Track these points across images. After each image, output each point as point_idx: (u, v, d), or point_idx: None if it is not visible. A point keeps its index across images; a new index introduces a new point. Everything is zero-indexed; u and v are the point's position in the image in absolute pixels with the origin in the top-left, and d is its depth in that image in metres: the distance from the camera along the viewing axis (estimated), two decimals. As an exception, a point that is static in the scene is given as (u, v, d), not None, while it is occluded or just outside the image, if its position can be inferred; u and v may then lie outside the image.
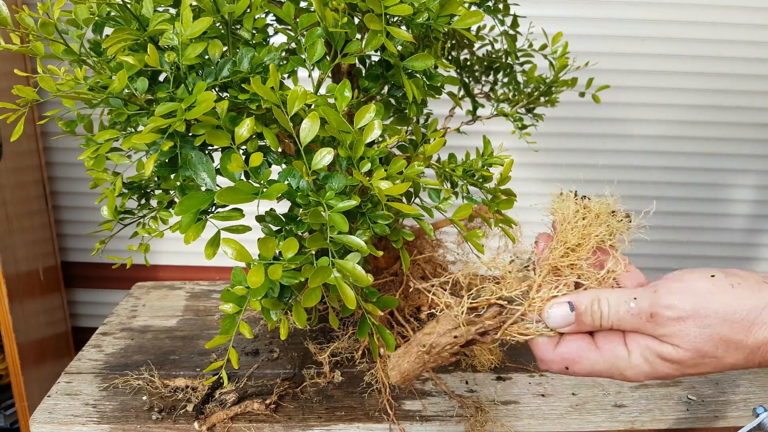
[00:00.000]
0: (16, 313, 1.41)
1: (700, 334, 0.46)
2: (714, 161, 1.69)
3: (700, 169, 1.70)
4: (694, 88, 1.63)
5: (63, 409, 0.78)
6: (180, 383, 0.82)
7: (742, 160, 1.69)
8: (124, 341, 0.96)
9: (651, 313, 0.48)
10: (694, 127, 1.67)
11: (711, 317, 0.46)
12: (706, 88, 1.63)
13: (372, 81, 0.67)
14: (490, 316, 0.52)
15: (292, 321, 0.53)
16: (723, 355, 0.46)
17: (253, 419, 0.76)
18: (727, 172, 1.70)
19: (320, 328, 0.98)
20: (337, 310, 0.58)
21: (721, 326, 0.46)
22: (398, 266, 0.94)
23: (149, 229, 0.77)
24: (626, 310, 0.49)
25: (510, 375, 0.87)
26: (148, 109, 0.55)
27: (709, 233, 1.76)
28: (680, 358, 0.47)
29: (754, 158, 1.68)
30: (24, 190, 1.50)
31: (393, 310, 0.91)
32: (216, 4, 0.57)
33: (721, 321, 0.46)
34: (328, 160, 0.50)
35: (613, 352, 0.50)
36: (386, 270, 0.93)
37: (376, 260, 0.92)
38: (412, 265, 0.93)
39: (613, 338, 0.50)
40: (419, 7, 0.57)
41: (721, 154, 1.68)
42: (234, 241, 0.49)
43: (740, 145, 1.67)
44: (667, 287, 0.48)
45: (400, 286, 0.92)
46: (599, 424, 0.78)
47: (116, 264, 0.79)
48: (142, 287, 1.16)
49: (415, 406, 0.80)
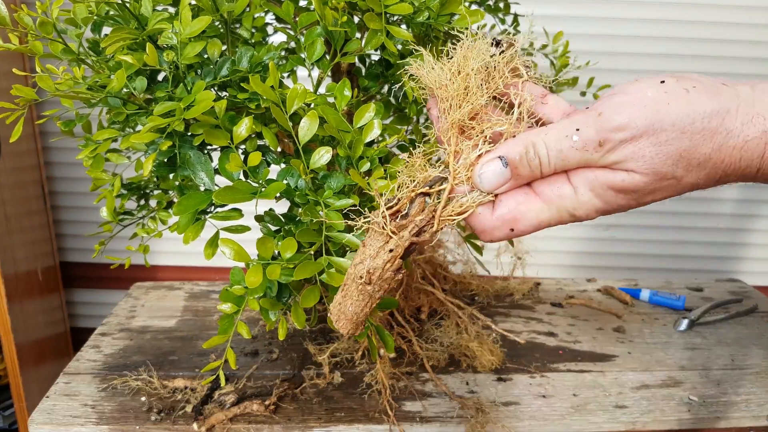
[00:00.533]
0: (14, 314, 1.41)
1: (657, 153, 0.39)
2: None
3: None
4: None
5: (62, 410, 0.78)
6: (179, 384, 0.82)
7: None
8: (122, 342, 0.95)
9: (599, 141, 0.40)
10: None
11: (668, 131, 0.39)
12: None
13: (372, 80, 0.67)
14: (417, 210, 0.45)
15: (290, 321, 0.53)
16: (683, 174, 0.40)
17: (252, 420, 0.76)
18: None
19: (320, 329, 0.97)
20: None
21: (680, 140, 0.39)
22: (398, 266, 0.93)
23: (148, 230, 0.77)
24: (569, 146, 0.41)
25: (511, 376, 0.87)
26: (147, 108, 0.55)
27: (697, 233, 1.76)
28: (636, 184, 0.40)
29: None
30: (23, 190, 1.50)
31: (393, 310, 0.91)
32: (215, 3, 0.57)
33: (679, 134, 0.39)
34: (327, 159, 0.49)
35: (557, 193, 0.43)
36: (386, 270, 0.93)
37: (376, 260, 0.91)
38: (413, 265, 0.93)
39: (555, 180, 0.43)
40: (419, 6, 0.57)
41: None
42: (232, 241, 0.48)
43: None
44: (613, 106, 0.40)
45: (399, 286, 0.92)
46: (600, 425, 0.78)
47: (115, 264, 0.79)
48: (141, 287, 1.15)
49: (415, 407, 0.80)
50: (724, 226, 1.74)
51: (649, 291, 1.12)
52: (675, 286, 1.19)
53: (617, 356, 0.93)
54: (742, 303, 1.12)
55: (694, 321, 1.03)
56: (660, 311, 1.09)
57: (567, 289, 1.17)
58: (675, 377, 0.88)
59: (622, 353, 0.94)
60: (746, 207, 1.73)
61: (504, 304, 1.11)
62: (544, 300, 1.12)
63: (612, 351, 0.95)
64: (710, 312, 1.06)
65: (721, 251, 1.77)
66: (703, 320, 1.04)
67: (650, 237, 1.75)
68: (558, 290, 1.16)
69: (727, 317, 1.06)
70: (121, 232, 0.77)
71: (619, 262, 1.77)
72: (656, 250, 1.76)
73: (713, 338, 0.99)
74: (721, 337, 1.00)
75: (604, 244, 1.76)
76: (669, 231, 1.75)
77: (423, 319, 0.95)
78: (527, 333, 1.00)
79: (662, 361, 0.92)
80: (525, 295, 1.14)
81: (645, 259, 1.77)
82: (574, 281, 1.21)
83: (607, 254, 1.77)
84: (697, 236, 1.77)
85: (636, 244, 1.76)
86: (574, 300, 1.11)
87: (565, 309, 1.09)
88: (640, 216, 1.74)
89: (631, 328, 1.02)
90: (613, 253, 1.77)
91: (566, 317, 1.06)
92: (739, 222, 1.74)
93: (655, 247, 1.76)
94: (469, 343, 0.88)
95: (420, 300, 0.95)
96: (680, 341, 0.98)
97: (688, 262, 1.78)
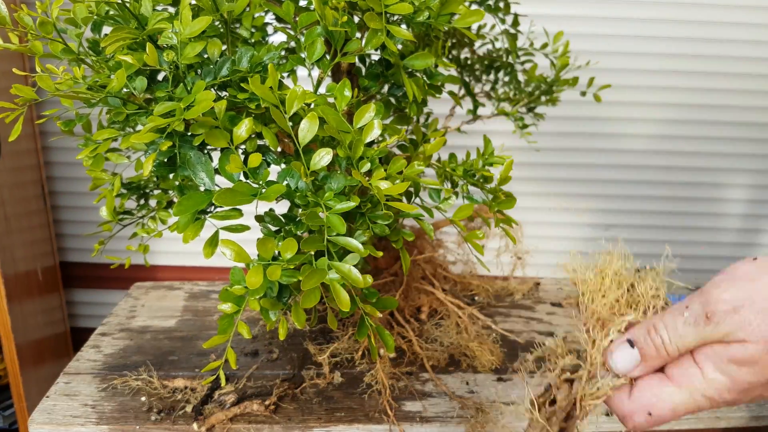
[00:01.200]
0: (14, 314, 1.41)
1: (764, 320, 0.42)
2: (713, 161, 1.69)
3: (700, 169, 1.70)
4: (695, 88, 1.63)
5: (62, 410, 0.78)
6: (179, 384, 0.82)
7: (740, 160, 1.69)
8: (122, 342, 0.95)
9: (706, 313, 0.44)
10: (694, 126, 1.67)
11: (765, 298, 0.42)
12: (708, 87, 1.63)
13: (372, 80, 0.67)
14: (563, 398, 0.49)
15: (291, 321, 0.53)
16: None
17: (252, 420, 0.76)
18: (726, 172, 1.70)
19: (320, 329, 0.97)
20: (336, 311, 0.58)
21: None
22: (398, 266, 0.94)
23: (148, 230, 0.77)
24: (682, 323, 0.45)
25: (511, 376, 0.87)
26: (147, 108, 0.55)
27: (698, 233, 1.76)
28: (752, 354, 0.42)
29: (754, 158, 1.68)
30: (22, 190, 1.49)
31: (393, 310, 0.91)
32: (215, 3, 0.56)
33: None
34: (327, 160, 0.49)
35: (686, 375, 0.45)
36: (386, 270, 0.93)
37: (376, 260, 0.92)
38: (413, 265, 0.93)
39: (682, 362, 0.46)
40: (419, 6, 0.56)
41: (722, 153, 1.68)
42: (232, 242, 0.48)
43: (739, 144, 1.67)
44: (713, 283, 0.45)
45: (400, 286, 0.92)
46: (600, 425, 0.78)
47: (115, 264, 0.79)
48: (141, 288, 1.15)
49: (415, 407, 0.80)
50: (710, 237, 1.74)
51: (649, 291, 1.12)
52: (675, 286, 1.19)
53: (617, 356, 0.93)
54: (742, 303, 1.12)
55: (694, 321, 1.02)
56: (660, 311, 1.09)
57: (567, 289, 1.17)
58: (675, 377, 0.88)
59: (622, 353, 0.94)
60: (747, 207, 1.73)
61: (504, 304, 1.11)
62: (544, 300, 1.12)
63: (612, 351, 0.95)
64: (710, 312, 1.06)
65: (722, 251, 1.77)
66: (703, 320, 1.04)
67: (650, 237, 1.75)
68: (558, 290, 1.16)
69: (727, 317, 1.05)
70: (120, 232, 0.77)
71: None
72: (656, 249, 1.77)
73: (713, 338, 0.99)
74: (721, 337, 1.00)
75: (603, 245, 1.76)
76: (669, 231, 1.75)
77: (423, 319, 0.95)
78: (527, 333, 1.00)
79: (662, 361, 0.92)
80: (525, 295, 1.14)
81: (644, 258, 1.77)
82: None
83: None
84: (698, 236, 1.77)
85: (636, 244, 1.76)
86: (574, 300, 1.11)
87: (566, 309, 1.09)
88: (639, 216, 1.74)
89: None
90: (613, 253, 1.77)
91: (566, 317, 1.06)
92: (740, 222, 1.74)
93: (655, 247, 1.76)
94: (469, 342, 0.88)
95: (420, 300, 0.95)
96: (680, 341, 0.98)
97: (689, 262, 1.78)
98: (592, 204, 1.73)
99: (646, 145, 1.68)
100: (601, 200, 1.73)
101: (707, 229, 1.76)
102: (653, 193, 1.72)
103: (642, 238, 1.75)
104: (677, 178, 1.71)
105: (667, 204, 1.73)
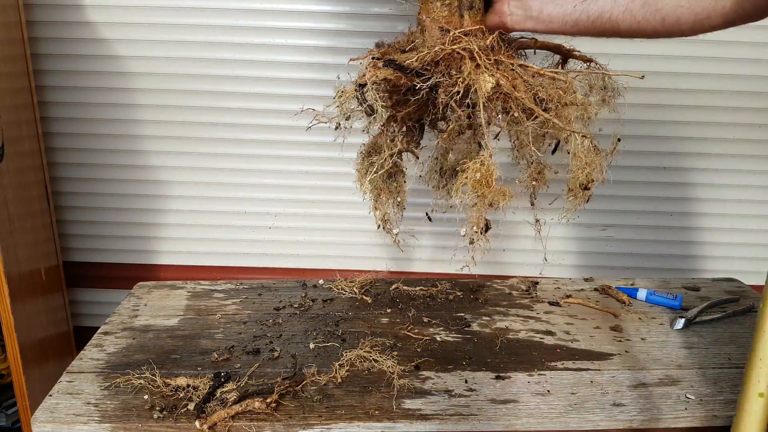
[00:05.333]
0: (18, 313, 1.42)
1: None
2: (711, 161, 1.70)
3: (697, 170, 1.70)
4: (696, 88, 1.63)
5: (64, 409, 0.79)
6: (181, 382, 0.83)
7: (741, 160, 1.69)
8: (125, 341, 0.96)
9: None
10: (695, 126, 1.67)
11: None
12: (709, 87, 1.63)
13: None
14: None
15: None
16: None
17: (254, 418, 0.77)
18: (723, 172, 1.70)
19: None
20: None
21: None
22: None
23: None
24: None
25: (509, 374, 0.88)
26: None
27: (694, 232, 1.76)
28: None
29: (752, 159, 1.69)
30: (26, 191, 1.50)
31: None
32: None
33: None
34: None
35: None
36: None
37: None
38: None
39: None
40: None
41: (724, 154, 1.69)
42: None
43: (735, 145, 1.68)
44: None
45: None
46: (598, 423, 0.79)
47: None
48: (144, 287, 1.16)
49: (414, 404, 0.80)
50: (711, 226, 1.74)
51: (646, 290, 1.13)
52: (672, 286, 1.20)
53: (614, 355, 0.94)
54: (738, 302, 1.12)
55: (690, 320, 1.03)
56: (657, 310, 1.10)
57: (565, 288, 1.18)
58: (672, 376, 0.89)
59: (620, 352, 0.95)
60: (743, 207, 1.74)
61: (503, 302, 1.12)
62: (542, 299, 1.13)
63: (609, 350, 0.95)
64: (707, 311, 1.07)
65: (717, 251, 1.78)
66: (699, 319, 1.04)
67: (647, 237, 1.76)
68: (556, 289, 1.17)
69: (724, 316, 1.06)
70: (121, 232, 0.78)
71: (617, 261, 1.78)
72: (653, 249, 1.77)
73: (710, 337, 1.00)
74: (717, 336, 1.01)
75: (601, 244, 1.76)
76: (666, 231, 1.76)
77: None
78: (525, 332, 1.01)
79: (659, 360, 0.93)
80: (523, 294, 1.15)
81: (642, 258, 1.77)
82: (572, 280, 1.22)
83: (604, 254, 1.78)
84: (694, 236, 1.77)
85: (633, 244, 1.76)
86: (572, 299, 1.12)
87: (563, 308, 1.10)
88: (638, 216, 1.74)
89: (628, 327, 1.03)
90: (611, 252, 1.77)
91: (564, 316, 1.07)
92: (736, 222, 1.75)
93: (652, 247, 1.77)
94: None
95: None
96: (677, 340, 0.99)
97: (685, 262, 1.79)
98: (590, 204, 1.73)
99: (648, 146, 1.69)
100: (599, 200, 1.74)
101: (705, 229, 1.76)
102: (651, 195, 1.72)
103: (639, 238, 1.76)
104: (676, 179, 1.71)
105: (665, 204, 1.73)
